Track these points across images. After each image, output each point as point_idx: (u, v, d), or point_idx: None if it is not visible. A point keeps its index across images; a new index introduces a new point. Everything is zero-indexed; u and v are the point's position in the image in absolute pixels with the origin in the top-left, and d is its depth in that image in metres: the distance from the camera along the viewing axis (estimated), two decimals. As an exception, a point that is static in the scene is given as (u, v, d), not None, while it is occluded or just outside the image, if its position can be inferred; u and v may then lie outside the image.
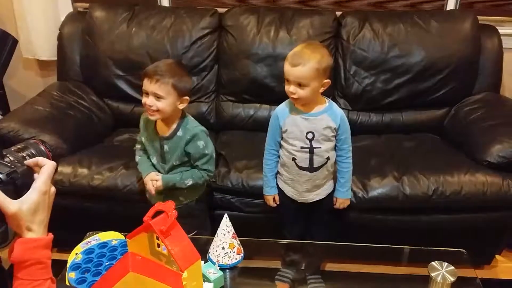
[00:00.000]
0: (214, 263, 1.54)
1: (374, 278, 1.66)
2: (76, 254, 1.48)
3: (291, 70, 1.71)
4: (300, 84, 1.71)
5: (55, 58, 2.72)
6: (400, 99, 2.52)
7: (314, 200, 1.93)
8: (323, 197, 1.94)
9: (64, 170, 2.13)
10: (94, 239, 1.55)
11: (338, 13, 2.59)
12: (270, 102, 2.53)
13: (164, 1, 2.82)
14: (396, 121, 2.57)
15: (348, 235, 2.11)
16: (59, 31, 2.66)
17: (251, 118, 2.59)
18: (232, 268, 1.60)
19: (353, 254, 1.79)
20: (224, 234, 1.59)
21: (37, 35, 2.71)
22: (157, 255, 1.26)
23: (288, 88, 1.74)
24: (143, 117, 1.90)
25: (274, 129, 1.87)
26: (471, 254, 1.67)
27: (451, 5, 2.68)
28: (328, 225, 2.07)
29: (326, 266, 1.76)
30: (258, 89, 2.53)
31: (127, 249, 1.28)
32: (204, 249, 1.62)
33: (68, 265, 1.44)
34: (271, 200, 1.99)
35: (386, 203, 2.09)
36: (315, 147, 1.81)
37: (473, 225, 2.15)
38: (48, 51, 2.76)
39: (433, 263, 1.49)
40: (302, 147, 1.82)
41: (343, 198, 1.96)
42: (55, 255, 2.20)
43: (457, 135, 2.42)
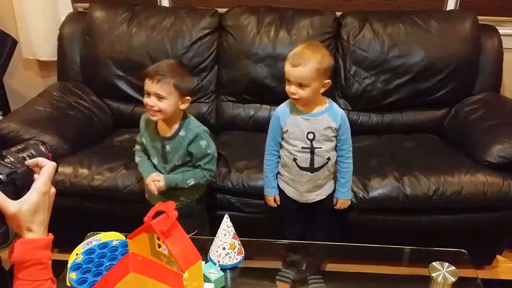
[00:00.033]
0: (215, 264, 1.54)
1: (375, 279, 1.66)
2: (77, 255, 1.48)
3: (292, 71, 1.70)
4: (301, 85, 1.71)
5: (55, 59, 2.72)
6: (400, 100, 2.52)
7: (315, 201, 1.93)
8: (324, 197, 1.94)
9: (65, 171, 2.13)
10: (95, 240, 1.54)
11: (338, 13, 2.58)
12: (270, 103, 2.53)
13: (164, 1, 2.82)
14: (396, 122, 2.57)
15: (349, 236, 2.11)
16: (59, 32, 2.66)
17: (251, 119, 2.59)
18: (233, 269, 1.60)
19: (354, 255, 1.79)
20: (225, 235, 1.59)
21: (37, 36, 2.71)
22: (158, 256, 1.25)
23: (289, 89, 1.74)
24: (144, 118, 1.90)
25: (275, 130, 1.87)
26: (472, 254, 1.67)
27: (451, 5, 2.68)
28: (329, 226, 2.07)
29: (327, 267, 1.76)
30: (258, 90, 2.53)
31: (128, 250, 1.28)
32: (205, 250, 1.62)
33: (69, 266, 1.44)
34: (272, 201, 1.99)
35: (387, 204, 2.09)
36: (316, 147, 1.81)
37: (474, 225, 2.15)
38: (48, 52, 2.76)
39: (434, 264, 1.49)
40: (303, 148, 1.82)
41: (344, 199, 1.96)
42: (56, 256, 2.21)
43: (457, 135, 2.42)
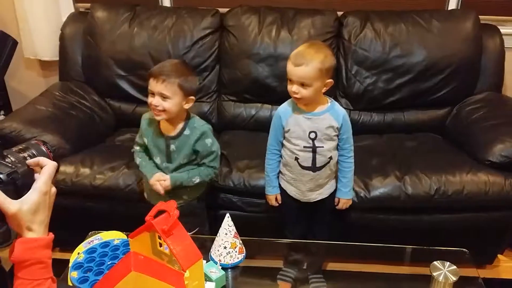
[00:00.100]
0: (216, 263, 1.55)
1: (376, 278, 1.67)
2: (78, 254, 1.48)
3: (294, 70, 1.70)
4: (303, 84, 1.71)
5: (57, 59, 2.72)
6: (402, 99, 2.51)
7: (317, 200, 1.93)
8: (326, 197, 1.94)
9: (66, 170, 2.14)
10: (96, 239, 1.55)
11: (340, 13, 2.58)
12: (272, 102, 2.53)
13: (166, 1, 2.82)
14: (398, 121, 2.57)
15: (350, 235, 2.10)
16: (61, 32, 2.66)
17: (253, 118, 2.59)
18: (234, 268, 1.61)
19: (355, 254, 1.79)
20: (226, 234, 1.59)
21: (39, 36, 2.72)
22: (159, 255, 1.26)
23: (291, 88, 1.74)
24: (145, 118, 1.90)
25: (277, 129, 1.87)
26: (473, 254, 1.67)
27: (453, 5, 2.68)
28: (331, 225, 2.07)
29: (328, 266, 1.77)
30: (260, 89, 2.53)
31: (129, 249, 1.28)
32: (206, 249, 1.62)
33: (70, 265, 1.44)
34: (273, 200, 1.99)
35: (388, 203, 2.09)
36: (318, 147, 1.81)
37: (475, 225, 2.15)
38: (50, 52, 2.76)
39: (435, 263, 1.49)
40: (305, 147, 1.82)
41: (346, 198, 1.96)
42: (57, 255, 2.23)
43: (459, 135, 2.42)
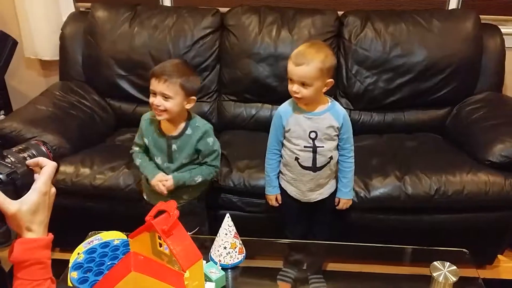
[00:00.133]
0: (216, 263, 1.55)
1: (376, 278, 1.67)
2: (78, 254, 1.48)
3: (295, 70, 1.70)
4: (304, 84, 1.70)
5: (57, 58, 2.72)
6: (402, 99, 2.51)
7: (317, 200, 1.93)
8: (326, 197, 1.94)
9: (66, 170, 2.13)
10: (96, 239, 1.55)
11: (340, 13, 2.58)
12: (272, 102, 2.53)
13: (166, 1, 2.82)
14: (398, 121, 2.57)
15: (350, 235, 2.10)
16: (61, 31, 2.66)
17: (253, 118, 2.59)
18: (234, 268, 1.61)
19: (355, 254, 1.79)
20: (226, 234, 1.59)
21: (39, 35, 2.72)
22: (159, 255, 1.26)
23: (292, 88, 1.74)
24: (145, 118, 1.89)
25: (277, 129, 1.86)
26: (473, 254, 1.67)
27: (453, 4, 2.67)
28: (331, 225, 2.06)
29: (328, 266, 1.77)
30: (260, 89, 2.53)
31: (129, 249, 1.28)
32: (206, 249, 1.62)
33: (70, 265, 1.44)
34: (274, 200, 1.99)
35: (388, 203, 2.09)
36: (318, 146, 1.81)
37: (475, 225, 2.14)
38: (50, 51, 2.76)
39: (435, 263, 1.49)
40: (305, 146, 1.82)
41: (346, 199, 1.96)
42: (57, 255, 2.23)
43: (459, 135, 2.42)
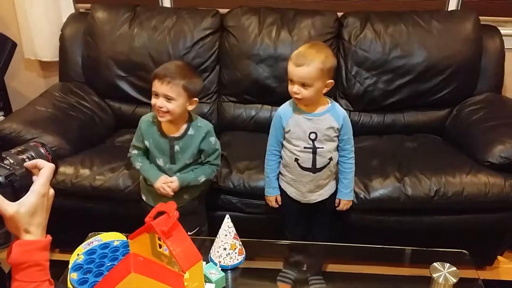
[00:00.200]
0: (216, 264, 1.54)
1: (376, 279, 1.66)
2: (78, 255, 1.48)
3: (295, 70, 1.70)
4: (304, 84, 1.71)
5: (57, 59, 2.72)
6: (402, 100, 2.51)
7: (317, 201, 1.93)
8: (326, 198, 1.94)
9: (66, 171, 2.13)
10: (96, 240, 1.54)
11: (340, 14, 2.58)
12: (272, 103, 2.53)
13: (166, 2, 2.82)
14: (398, 122, 2.57)
15: (350, 236, 2.11)
16: (61, 32, 2.66)
17: (253, 119, 2.59)
18: (234, 269, 1.60)
19: (355, 255, 1.79)
20: (226, 235, 1.59)
21: (39, 36, 2.72)
22: (159, 256, 1.25)
23: (292, 88, 1.74)
24: (144, 121, 1.88)
25: (277, 129, 1.86)
26: (473, 255, 1.67)
27: (453, 6, 2.68)
28: (331, 226, 2.06)
29: (328, 267, 1.76)
30: (260, 90, 2.53)
31: (129, 250, 1.27)
32: (206, 250, 1.62)
33: (70, 266, 1.44)
34: (273, 201, 1.98)
35: (388, 204, 2.09)
36: (318, 147, 1.81)
37: (475, 226, 2.14)
38: (50, 52, 2.76)
39: (435, 264, 1.48)
40: (305, 147, 1.82)
41: (346, 200, 1.96)
42: (57, 256, 2.23)
43: (459, 136, 2.42)
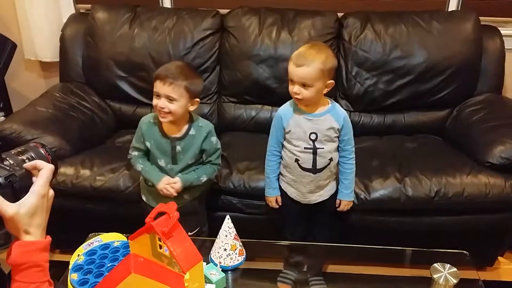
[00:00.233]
0: (216, 265, 1.54)
1: (376, 280, 1.66)
2: (78, 256, 1.48)
3: (296, 71, 1.70)
4: (304, 85, 1.71)
5: (57, 60, 2.72)
6: (402, 100, 2.51)
7: (317, 201, 1.93)
8: (326, 198, 1.93)
9: (66, 172, 2.13)
10: (96, 241, 1.54)
11: (340, 14, 2.58)
12: (272, 104, 2.53)
13: (166, 2, 2.82)
14: (398, 122, 2.57)
15: (350, 237, 2.11)
16: (61, 33, 2.66)
17: (253, 120, 2.59)
18: (234, 270, 1.60)
19: (355, 256, 1.79)
20: (226, 236, 1.59)
21: (39, 37, 2.72)
22: (159, 257, 1.25)
23: (292, 89, 1.74)
24: (144, 122, 1.88)
25: (278, 130, 1.86)
26: (473, 256, 1.66)
27: (453, 6, 2.68)
28: (331, 227, 2.06)
29: (328, 268, 1.76)
30: (260, 91, 2.53)
31: (129, 251, 1.27)
32: (206, 251, 1.62)
33: (70, 267, 1.44)
34: (274, 202, 1.98)
35: (388, 205, 2.09)
36: (318, 148, 1.81)
37: (475, 227, 2.14)
38: (50, 53, 2.76)
39: (435, 265, 1.48)
40: (306, 148, 1.82)
41: (347, 200, 1.96)
42: (57, 256, 2.23)
43: (459, 136, 2.42)
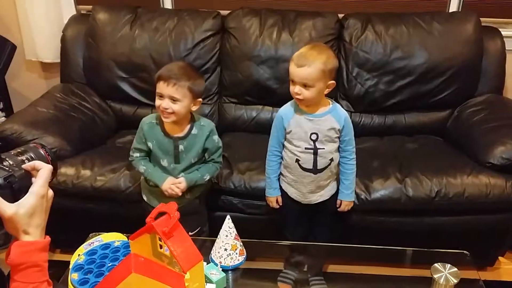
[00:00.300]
0: (217, 264, 1.54)
1: (377, 280, 1.66)
2: (79, 255, 1.48)
3: (297, 71, 1.71)
4: (305, 85, 1.71)
5: (58, 61, 2.72)
6: (403, 101, 2.51)
7: (318, 202, 1.93)
8: (327, 198, 1.94)
9: (67, 172, 2.14)
10: (97, 240, 1.54)
11: (341, 15, 2.59)
12: (272, 104, 2.53)
13: (167, 3, 2.82)
14: (399, 123, 2.57)
15: (351, 237, 2.11)
16: (62, 34, 2.67)
17: (254, 120, 2.59)
18: (235, 270, 1.61)
19: (356, 256, 1.79)
20: (227, 236, 1.59)
21: (40, 38, 2.72)
22: (160, 256, 1.25)
23: (293, 89, 1.74)
24: (146, 122, 1.88)
25: (278, 130, 1.87)
26: (474, 256, 1.66)
27: (454, 7, 2.68)
28: (332, 227, 2.06)
29: (329, 268, 1.76)
30: (261, 91, 2.53)
31: (130, 250, 1.28)
32: (207, 250, 1.62)
33: (71, 266, 1.44)
34: (274, 202, 1.98)
35: (389, 205, 2.09)
36: (319, 148, 1.81)
37: (476, 227, 2.14)
38: (51, 54, 2.77)
39: (436, 265, 1.48)
40: (306, 148, 1.82)
41: (348, 201, 1.96)
42: (58, 256, 2.24)
43: (460, 137, 2.42)
